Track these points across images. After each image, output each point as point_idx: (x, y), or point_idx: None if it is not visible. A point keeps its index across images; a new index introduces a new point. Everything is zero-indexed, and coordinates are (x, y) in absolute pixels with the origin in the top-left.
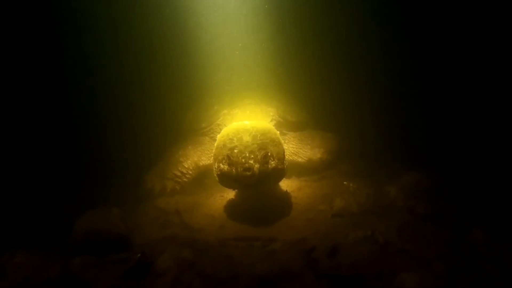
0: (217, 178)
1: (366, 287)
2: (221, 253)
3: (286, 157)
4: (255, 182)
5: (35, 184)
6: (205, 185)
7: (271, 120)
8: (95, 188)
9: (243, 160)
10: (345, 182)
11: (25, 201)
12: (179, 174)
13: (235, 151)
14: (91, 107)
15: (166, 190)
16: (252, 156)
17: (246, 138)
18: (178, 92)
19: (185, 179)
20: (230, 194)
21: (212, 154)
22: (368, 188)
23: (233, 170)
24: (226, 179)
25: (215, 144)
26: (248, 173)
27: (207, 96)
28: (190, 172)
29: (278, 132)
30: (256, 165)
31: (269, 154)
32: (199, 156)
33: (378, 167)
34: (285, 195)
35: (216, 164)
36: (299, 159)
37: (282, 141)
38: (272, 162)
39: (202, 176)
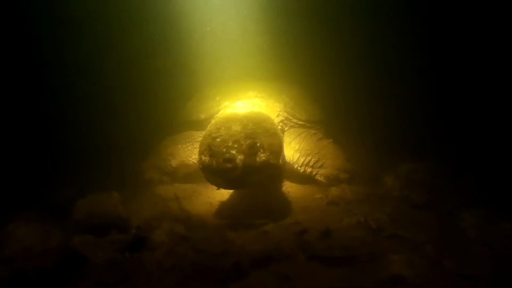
0: (203, 174)
1: (355, 268)
2: (215, 231)
3: None
4: (238, 177)
5: (38, 170)
6: None
7: (277, 116)
8: (96, 174)
9: (224, 150)
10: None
11: (27, 184)
12: (168, 172)
13: (217, 140)
14: (93, 97)
15: (162, 181)
16: (236, 145)
17: (235, 128)
18: (179, 80)
19: (177, 175)
20: None
21: None
22: (364, 177)
23: (214, 162)
24: (208, 173)
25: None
26: (228, 165)
27: (210, 85)
28: (180, 171)
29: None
30: (239, 156)
31: (258, 144)
32: (188, 156)
33: (374, 157)
34: (281, 185)
35: (199, 156)
36: None
37: (281, 134)
38: (262, 155)
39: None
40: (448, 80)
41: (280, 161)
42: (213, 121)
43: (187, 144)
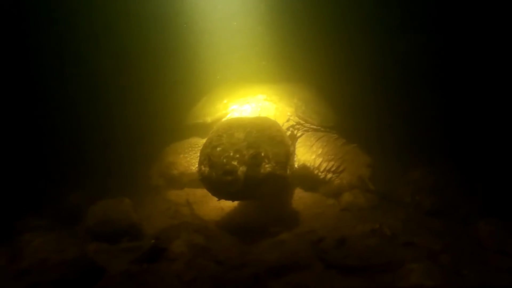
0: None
1: (373, 277)
2: (232, 241)
3: None
4: (239, 191)
5: (45, 175)
6: None
7: (287, 121)
8: (106, 179)
9: (224, 160)
10: None
11: (36, 190)
12: (172, 179)
13: (218, 149)
14: (101, 100)
15: (170, 187)
16: (238, 156)
17: (238, 135)
18: (188, 83)
19: (182, 182)
20: None
21: None
22: (376, 183)
23: (213, 174)
24: (208, 186)
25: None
26: (228, 178)
27: (218, 87)
28: (183, 179)
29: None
30: (241, 168)
31: (262, 154)
32: (191, 165)
33: (386, 162)
34: (293, 191)
35: (198, 166)
36: None
37: (289, 141)
38: (267, 166)
39: None
40: (461, 86)
41: (288, 171)
42: (215, 127)
43: (190, 153)
